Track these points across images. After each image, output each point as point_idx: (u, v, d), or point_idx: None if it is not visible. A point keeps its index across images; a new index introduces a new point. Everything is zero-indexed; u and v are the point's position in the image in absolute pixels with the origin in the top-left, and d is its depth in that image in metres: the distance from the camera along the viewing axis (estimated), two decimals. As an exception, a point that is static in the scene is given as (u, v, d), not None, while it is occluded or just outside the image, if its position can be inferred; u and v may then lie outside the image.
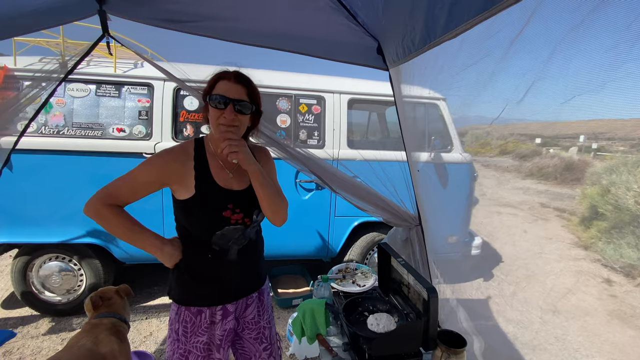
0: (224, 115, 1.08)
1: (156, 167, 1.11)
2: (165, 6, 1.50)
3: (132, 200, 1.14)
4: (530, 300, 3.30)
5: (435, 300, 1.16)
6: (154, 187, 1.12)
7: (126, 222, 1.12)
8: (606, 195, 5.19)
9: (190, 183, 1.11)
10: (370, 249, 3.19)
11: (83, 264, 2.76)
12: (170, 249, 1.15)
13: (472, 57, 0.98)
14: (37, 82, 1.90)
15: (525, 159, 11.71)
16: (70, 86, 2.59)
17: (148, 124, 2.71)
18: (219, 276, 1.19)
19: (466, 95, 1.14)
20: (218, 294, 1.20)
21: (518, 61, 0.87)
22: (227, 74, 1.12)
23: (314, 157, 1.77)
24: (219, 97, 1.07)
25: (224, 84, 1.09)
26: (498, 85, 0.96)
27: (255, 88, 1.16)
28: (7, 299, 3.11)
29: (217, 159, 1.18)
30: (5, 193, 2.49)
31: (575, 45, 0.73)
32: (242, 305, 1.27)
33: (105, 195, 1.10)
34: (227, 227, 1.14)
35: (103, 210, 1.08)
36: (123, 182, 1.12)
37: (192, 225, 1.15)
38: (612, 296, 3.65)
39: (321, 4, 1.38)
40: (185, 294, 1.19)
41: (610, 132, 11.61)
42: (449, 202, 2.80)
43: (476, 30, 0.87)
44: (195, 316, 1.17)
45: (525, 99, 0.89)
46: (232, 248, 1.17)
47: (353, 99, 3.04)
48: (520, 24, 0.76)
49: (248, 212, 1.18)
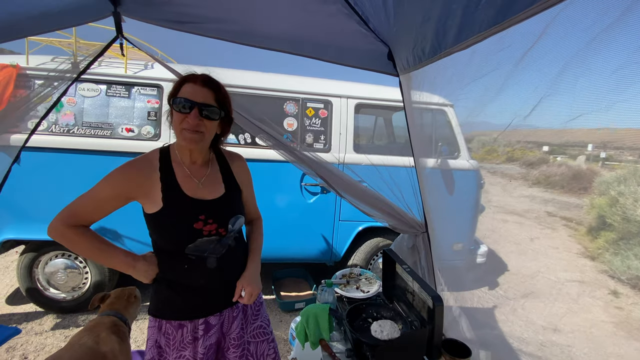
0: (187, 120, 1.01)
1: (117, 182, 1.04)
2: (178, 8, 1.52)
3: (96, 219, 1.06)
4: (536, 310, 3.26)
5: (440, 309, 1.15)
6: (118, 202, 1.05)
7: (92, 242, 1.04)
8: (615, 206, 5.13)
9: (156, 196, 1.04)
10: (374, 255, 3.17)
11: (88, 261, 2.78)
12: (144, 265, 1.08)
13: (482, 69, 0.98)
14: (49, 81, 1.93)
15: (532, 167, 11.62)
16: (82, 86, 2.63)
17: (157, 125, 2.73)
18: (199, 286, 1.12)
19: (474, 106, 1.14)
20: (199, 305, 1.13)
21: (528, 76, 0.87)
22: (194, 76, 1.06)
23: (320, 161, 1.77)
24: (183, 100, 1.01)
25: (190, 87, 1.03)
26: (506, 99, 0.96)
27: (226, 93, 1.10)
28: (12, 294, 3.14)
29: (184, 168, 1.11)
30: (14, 190, 2.51)
31: (585, 63, 0.73)
32: (228, 318, 1.19)
33: (67, 215, 1.02)
34: (199, 239, 1.07)
35: (66, 231, 1.01)
36: (85, 199, 1.04)
37: (163, 239, 1.09)
38: (618, 308, 3.60)
39: (333, 9, 1.39)
40: (165, 308, 1.12)
41: (619, 141, 11.48)
42: (456, 209, 2.78)
43: (487, 43, 0.86)
44: (177, 330, 1.11)
45: (533, 114, 0.88)
46: (210, 258, 1.11)
47: (360, 103, 3.04)
48: (532, 39, 0.76)
49: (222, 222, 1.11)
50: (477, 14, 0.83)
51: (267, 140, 1.79)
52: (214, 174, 1.17)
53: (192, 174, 1.11)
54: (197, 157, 1.14)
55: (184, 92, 1.03)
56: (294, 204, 2.95)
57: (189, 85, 1.04)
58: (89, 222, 1.06)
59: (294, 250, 3.07)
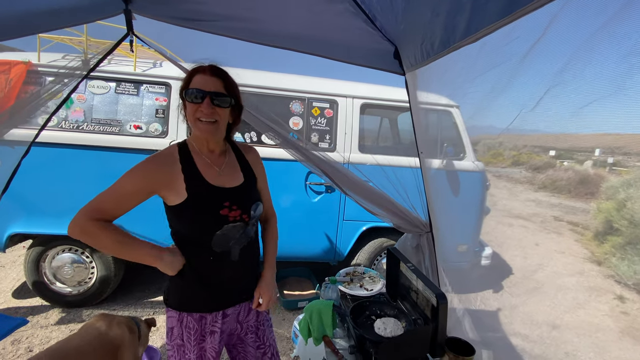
0: (200, 109, 1.04)
1: (142, 176, 1.06)
2: (189, 6, 1.54)
3: (119, 214, 1.06)
4: (540, 314, 3.23)
5: (444, 306, 1.15)
6: (141, 196, 1.06)
7: (115, 235, 1.03)
8: (622, 210, 5.07)
9: (180, 187, 1.06)
10: (378, 255, 3.17)
11: (95, 256, 2.81)
12: (170, 257, 1.09)
13: (491, 62, 0.97)
14: (60, 78, 1.96)
15: (538, 171, 11.53)
16: (91, 83, 2.67)
17: (164, 122, 2.76)
18: (222, 279, 1.15)
19: (483, 99, 1.13)
20: (219, 298, 1.17)
21: (535, 67, 0.86)
22: (203, 67, 1.09)
23: (327, 159, 1.78)
24: (195, 90, 1.04)
25: (200, 78, 1.06)
26: (515, 90, 0.95)
27: (233, 81, 1.13)
28: (18, 288, 3.18)
29: (203, 158, 1.14)
30: (23, 184, 2.55)
31: (593, 51, 0.73)
32: (245, 308, 1.25)
33: (90, 210, 1.02)
34: (226, 225, 1.10)
35: (89, 227, 1.00)
36: (108, 195, 1.05)
37: (190, 229, 1.10)
38: (624, 313, 3.55)
39: (340, 7, 1.40)
40: (186, 299, 1.15)
41: (627, 147, 11.35)
42: (461, 210, 2.78)
43: (497, 35, 0.86)
44: (198, 322, 1.14)
45: (540, 104, 0.88)
46: (234, 248, 1.13)
47: (366, 103, 3.05)
48: (542, 29, 0.76)
49: (245, 208, 1.14)
50: (487, 5, 0.83)
51: (275, 138, 1.80)
52: (232, 163, 1.21)
53: (212, 163, 1.14)
54: (214, 147, 1.17)
55: (195, 83, 1.06)
56: (299, 203, 2.96)
57: (199, 76, 1.06)
58: (111, 217, 1.06)
59: (297, 249, 3.07)
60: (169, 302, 1.17)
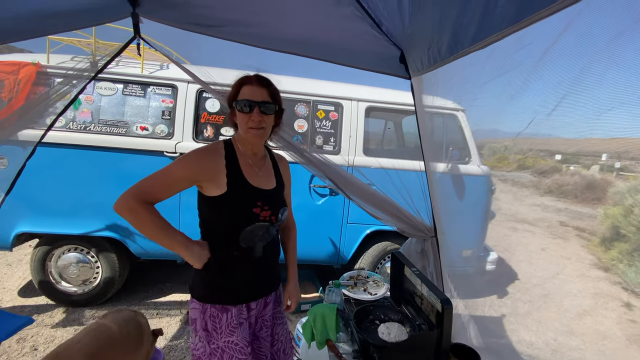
0: (252, 119, 1.13)
1: (191, 164, 1.15)
2: (195, 10, 1.55)
3: (164, 197, 1.14)
4: (546, 320, 3.19)
5: (449, 312, 1.15)
6: (186, 183, 1.15)
7: (158, 220, 1.11)
8: (629, 216, 5.01)
9: (222, 180, 1.14)
10: (382, 259, 3.15)
11: (100, 256, 2.83)
12: (199, 249, 1.16)
13: (500, 68, 0.97)
14: (68, 79, 1.98)
15: (544, 175, 11.44)
16: (99, 84, 2.70)
17: (170, 124, 2.78)
18: (244, 274, 1.22)
19: (492, 105, 1.13)
20: (242, 292, 1.22)
21: (549, 74, 0.85)
22: (250, 78, 1.18)
23: (330, 163, 1.77)
24: (245, 101, 1.13)
25: (248, 89, 1.15)
26: (526, 97, 0.94)
27: (275, 88, 1.22)
28: (24, 287, 3.21)
29: (246, 159, 1.22)
30: (30, 184, 2.58)
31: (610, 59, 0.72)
32: (261, 303, 1.29)
33: (139, 191, 1.10)
34: (255, 223, 1.18)
35: (137, 206, 1.08)
36: (157, 178, 1.13)
37: (223, 221, 1.17)
38: (631, 321, 3.50)
39: (347, 12, 1.40)
40: (210, 291, 1.20)
41: (634, 152, 11.24)
42: (466, 214, 2.76)
43: (507, 41, 0.85)
44: (222, 313, 1.18)
45: (555, 112, 0.87)
46: (258, 245, 1.20)
47: (371, 106, 3.05)
48: (554, 36, 0.75)
49: (275, 211, 1.23)
50: (497, 12, 0.82)
51: (277, 141, 1.81)
52: (269, 168, 1.31)
53: (253, 164, 1.23)
54: (258, 150, 1.27)
55: (244, 94, 1.15)
56: (302, 205, 2.95)
57: (248, 87, 1.16)
58: (156, 199, 1.13)
59: (301, 251, 3.03)
60: (193, 294, 1.24)
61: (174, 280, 3.51)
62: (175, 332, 2.70)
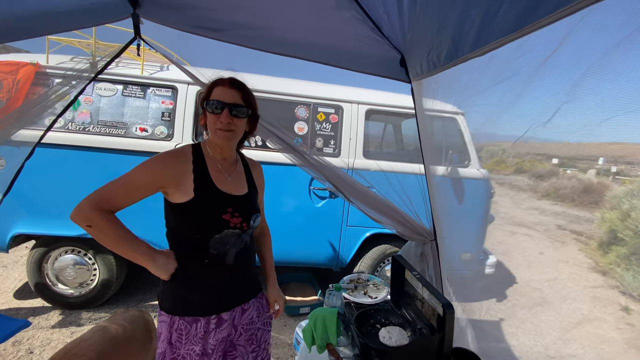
0: (220, 120, 1.10)
1: (155, 169, 1.09)
2: (196, 13, 1.55)
3: (124, 205, 1.08)
4: (545, 324, 3.19)
5: (451, 316, 1.14)
6: (150, 190, 1.08)
7: (118, 229, 1.04)
8: (626, 220, 5.04)
9: (188, 186, 1.09)
10: (381, 262, 3.15)
11: (97, 258, 2.81)
12: (164, 259, 1.10)
13: (499, 75, 0.97)
14: (67, 80, 1.97)
15: (541, 179, 11.49)
16: (99, 85, 2.69)
17: (170, 125, 2.77)
18: (216, 282, 1.16)
19: (490, 112, 1.13)
20: (213, 301, 1.16)
21: (548, 82, 0.86)
22: (223, 80, 1.15)
23: (329, 165, 1.77)
24: (215, 102, 1.10)
25: (220, 90, 1.12)
26: (524, 105, 0.95)
27: (250, 92, 1.18)
28: (20, 289, 3.18)
29: (215, 163, 1.18)
30: (28, 185, 2.56)
31: (608, 69, 0.72)
32: (238, 312, 1.23)
33: (97, 199, 1.03)
34: (225, 230, 1.12)
35: (94, 215, 1.01)
36: (117, 184, 1.07)
37: (190, 229, 1.11)
38: (629, 325, 3.51)
39: (347, 15, 1.40)
40: (179, 303, 1.14)
41: (631, 156, 11.32)
42: (465, 218, 2.76)
43: (506, 49, 0.86)
44: (190, 325, 1.12)
45: (552, 120, 0.87)
46: (230, 251, 1.15)
47: (371, 109, 3.05)
48: (554, 45, 0.76)
49: (246, 217, 1.17)
50: (496, 20, 0.82)
51: (277, 143, 1.80)
52: (240, 173, 1.26)
53: (223, 169, 1.19)
54: (228, 155, 1.22)
55: (215, 95, 1.12)
56: (302, 208, 2.95)
57: (219, 89, 1.13)
58: (116, 208, 1.07)
59: (300, 254, 3.06)
60: (161, 306, 1.17)
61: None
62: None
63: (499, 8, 0.81)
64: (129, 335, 1.53)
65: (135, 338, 1.57)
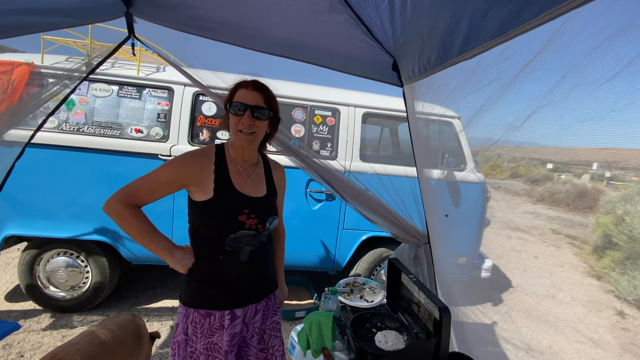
0: (242, 121, 1.13)
1: (178, 168, 1.15)
2: (190, 12, 1.54)
3: (150, 200, 1.15)
4: (540, 329, 3.19)
5: (447, 320, 1.13)
6: (174, 187, 1.15)
7: (143, 224, 1.13)
8: (620, 225, 5.07)
9: (209, 185, 1.14)
10: (377, 265, 3.14)
11: (90, 261, 2.77)
12: (181, 254, 1.16)
13: (485, 79, 0.99)
14: (60, 79, 1.95)
15: (536, 184, 11.58)
16: (94, 86, 2.66)
17: (166, 127, 2.75)
18: (230, 278, 1.19)
19: (475, 115, 1.15)
20: (228, 297, 1.20)
21: (526, 87, 0.88)
22: (246, 82, 1.18)
23: (328, 167, 1.77)
24: (237, 104, 1.13)
25: (243, 92, 1.15)
26: (503, 108, 0.97)
27: (273, 95, 1.21)
28: (11, 291, 3.13)
29: (236, 165, 1.21)
30: (19, 186, 2.52)
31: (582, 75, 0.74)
32: (251, 310, 1.27)
33: (125, 194, 1.12)
34: (240, 231, 1.15)
35: (122, 209, 1.10)
36: (144, 181, 1.14)
37: (207, 227, 1.16)
38: (624, 329, 3.52)
39: (341, 18, 1.41)
40: (194, 296, 1.19)
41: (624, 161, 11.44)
42: (461, 221, 2.76)
43: (492, 53, 0.88)
44: (205, 318, 1.17)
45: (526, 124, 0.89)
46: (245, 249, 1.18)
47: (368, 112, 3.06)
48: (535, 50, 0.78)
49: (262, 219, 1.20)
50: (483, 24, 0.84)
51: (276, 145, 1.79)
52: (260, 175, 1.29)
53: (242, 171, 1.22)
54: (249, 157, 1.25)
55: (238, 97, 1.15)
56: (298, 210, 2.93)
57: (242, 91, 1.15)
58: (143, 203, 1.15)
59: (296, 257, 3.04)
60: (180, 299, 1.22)
61: (165, 286, 3.45)
62: (165, 338, 2.64)
63: (485, 13, 0.83)
64: (118, 340, 1.51)
65: (125, 343, 1.54)
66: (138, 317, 1.73)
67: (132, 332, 1.61)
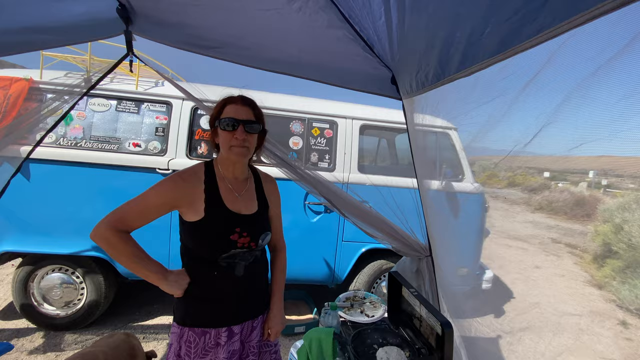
0: (235, 137, 1.11)
1: (168, 190, 1.12)
2: (188, 30, 1.56)
3: (140, 225, 1.12)
4: (543, 340, 3.14)
5: (450, 335, 1.11)
6: (164, 210, 1.12)
7: (133, 249, 1.10)
8: (619, 233, 5.07)
9: (199, 206, 1.12)
10: (378, 278, 3.10)
11: (86, 277, 2.72)
12: (174, 277, 1.14)
13: (486, 96, 0.99)
14: (59, 95, 1.96)
15: (534, 192, 11.61)
16: (92, 101, 2.67)
17: (164, 141, 2.75)
18: (225, 295, 1.18)
19: (477, 132, 1.15)
20: (223, 314, 1.18)
21: (531, 104, 0.88)
22: (234, 98, 1.17)
23: (324, 180, 1.76)
24: (228, 119, 1.11)
25: (232, 107, 1.14)
26: (509, 125, 0.97)
27: (260, 109, 1.21)
28: (4, 309, 3.06)
29: (226, 182, 1.20)
30: (15, 201, 2.50)
31: (588, 93, 0.74)
32: (247, 327, 1.24)
33: (114, 220, 1.08)
34: (233, 250, 1.14)
35: (111, 235, 1.06)
36: (133, 205, 1.11)
37: (199, 246, 1.15)
38: (628, 339, 3.48)
39: (340, 34, 1.42)
40: (189, 314, 1.17)
41: (620, 169, 11.52)
42: (460, 232, 2.74)
43: (491, 70, 0.88)
44: (200, 337, 1.15)
45: (534, 142, 0.89)
46: (239, 264, 1.17)
47: (365, 124, 3.08)
48: (536, 68, 0.77)
49: (254, 237, 1.19)
50: (480, 42, 0.84)
51: (271, 158, 1.79)
52: (250, 191, 1.27)
53: (233, 188, 1.20)
54: (239, 172, 1.24)
55: (228, 112, 1.13)
56: (297, 223, 2.92)
57: (232, 106, 1.15)
58: (132, 228, 1.11)
59: (295, 270, 2.99)
60: (174, 318, 1.20)
61: (161, 302, 3.39)
62: (161, 357, 2.58)
63: (483, 30, 0.82)
64: None
65: None
66: (132, 336, 1.69)
67: (126, 352, 1.57)
